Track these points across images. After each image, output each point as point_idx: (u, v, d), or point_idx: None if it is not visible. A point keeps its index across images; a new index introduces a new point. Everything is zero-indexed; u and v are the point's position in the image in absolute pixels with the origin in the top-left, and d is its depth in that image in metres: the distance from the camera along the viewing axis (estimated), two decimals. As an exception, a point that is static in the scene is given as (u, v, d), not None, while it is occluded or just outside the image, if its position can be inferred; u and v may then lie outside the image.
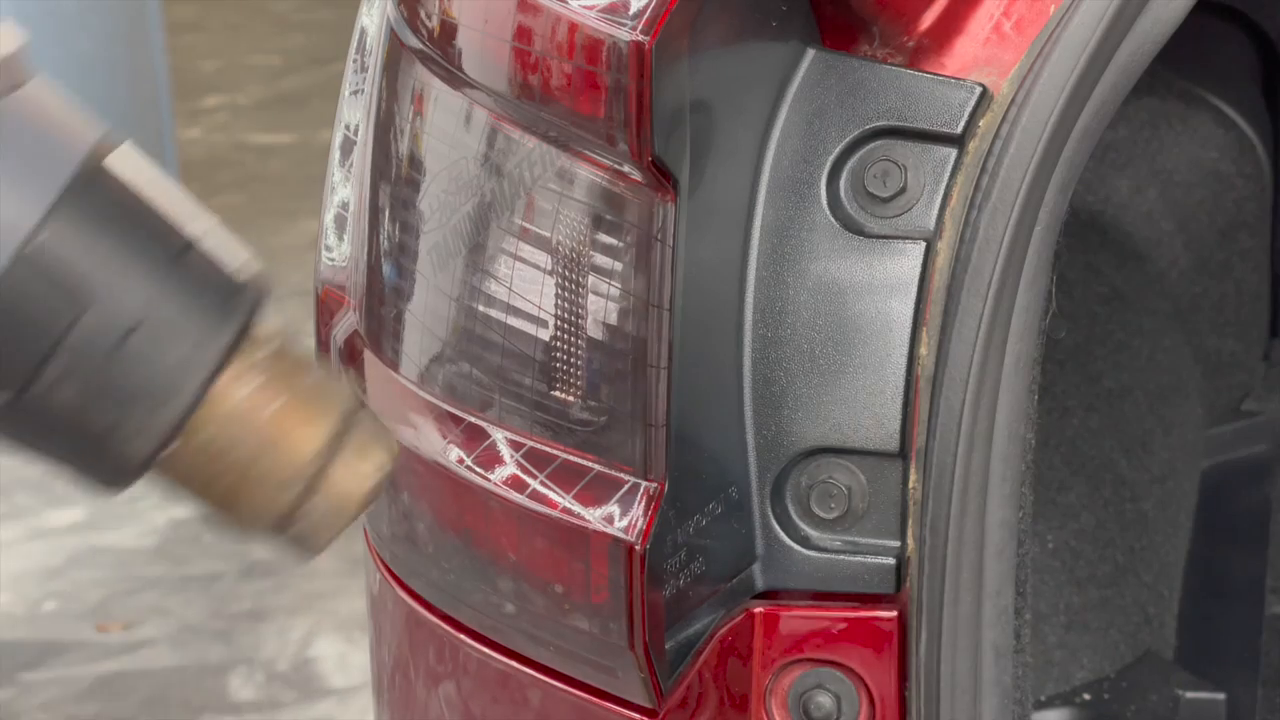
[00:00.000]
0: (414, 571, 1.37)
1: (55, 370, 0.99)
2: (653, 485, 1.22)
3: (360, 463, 1.05)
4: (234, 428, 1.02)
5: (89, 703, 3.21)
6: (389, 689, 1.49)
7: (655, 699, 1.26)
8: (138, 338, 1.00)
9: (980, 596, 1.25)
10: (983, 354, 1.22)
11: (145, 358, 1.00)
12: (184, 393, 1.01)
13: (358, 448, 1.05)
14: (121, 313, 1.00)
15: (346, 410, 1.05)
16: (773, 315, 1.26)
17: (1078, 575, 2.00)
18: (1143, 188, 2.30)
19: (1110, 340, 2.18)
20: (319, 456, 1.03)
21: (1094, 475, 2.06)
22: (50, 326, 0.99)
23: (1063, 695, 1.95)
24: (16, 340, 0.99)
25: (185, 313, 1.01)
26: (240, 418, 1.02)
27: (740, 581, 1.28)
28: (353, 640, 3.34)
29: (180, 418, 1.01)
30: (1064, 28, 1.21)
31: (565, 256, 1.22)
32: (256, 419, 1.02)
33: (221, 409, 1.02)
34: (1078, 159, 1.23)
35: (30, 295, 0.98)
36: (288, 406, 1.03)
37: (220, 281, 1.03)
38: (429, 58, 1.28)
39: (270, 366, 1.03)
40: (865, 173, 1.25)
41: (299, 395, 1.04)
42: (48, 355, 0.99)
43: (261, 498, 1.03)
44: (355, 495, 1.05)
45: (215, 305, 1.02)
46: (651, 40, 1.15)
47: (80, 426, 1.01)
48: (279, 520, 1.04)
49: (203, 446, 1.03)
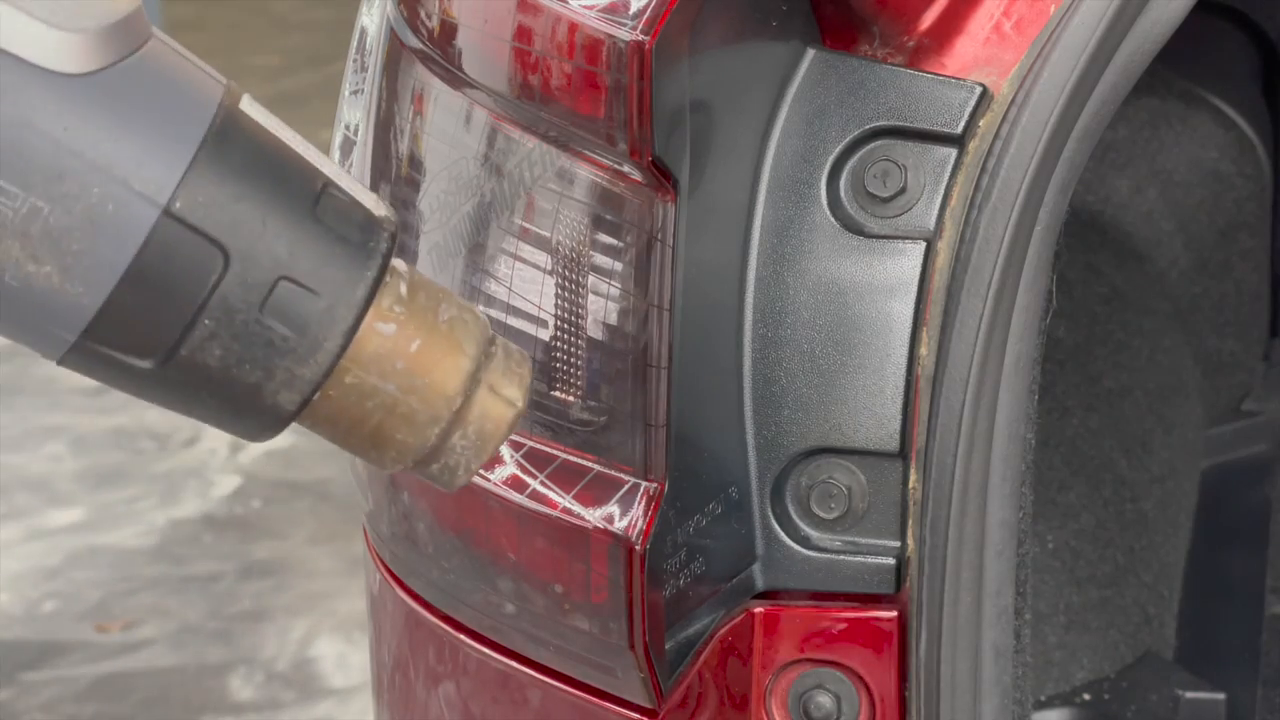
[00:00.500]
0: (414, 571, 1.37)
1: (204, 330, 0.98)
2: (653, 485, 1.22)
3: (501, 391, 1.04)
4: (379, 369, 1.02)
5: (88, 703, 3.21)
6: (389, 689, 1.49)
7: (655, 699, 1.26)
8: (282, 290, 0.98)
9: (980, 596, 1.25)
10: (983, 354, 1.22)
11: (291, 308, 0.99)
12: (331, 340, 1.00)
13: (497, 376, 1.04)
14: (267, 264, 0.98)
15: (484, 340, 1.04)
16: (773, 315, 1.26)
17: (1078, 575, 2.00)
18: (1143, 188, 2.30)
19: (1110, 340, 2.18)
20: (462, 390, 1.03)
21: (1094, 475, 2.06)
22: (198, 285, 0.97)
23: (1063, 695, 1.95)
24: (163, 304, 0.97)
25: (328, 258, 0.99)
26: (384, 359, 1.02)
27: (740, 581, 1.28)
28: (353, 640, 3.34)
29: (328, 366, 1.00)
30: (1064, 28, 1.21)
31: (565, 256, 1.21)
32: (399, 359, 1.02)
33: (366, 352, 1.01)
34: (1078, 159, 1.23)
35: (177, 254, 0.97)
36: (428, 343, 1.02)
37: (357, 223, 1.01)
38: (429, 58, 1.28)
39: (408, 304, 1.03)
40: (865, 173, 1.25)
41: (438, 331, 1.03)
42: (196, 314, 0.97)
43: (408, 435, 1.03)
44: (500, 424, 1.04)
45: (354, 249, 1.00)
46: (651, 40, 1.15)
47: (229, 383, 0.99)
48: (426, 456, 1.04)
49: (349, 390, 1.02)
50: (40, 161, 0.95)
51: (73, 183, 0.95)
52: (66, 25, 0.96)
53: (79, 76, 0.96)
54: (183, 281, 0.97)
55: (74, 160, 0.95)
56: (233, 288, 0.98)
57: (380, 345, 1.01)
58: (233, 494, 3.86)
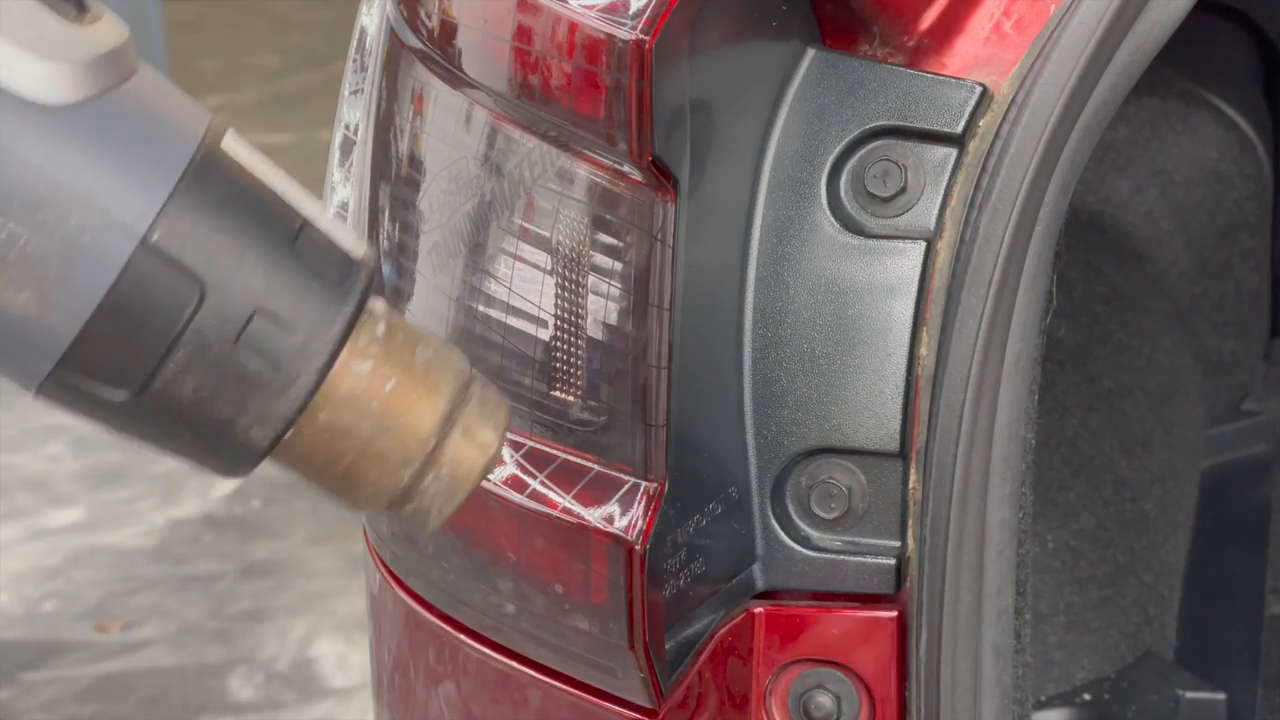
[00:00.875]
0: (414, 571, 1.37)
1: (177, 363, 0.98)
2: (653, 485, 1.22)
3: (476, 434, 1.04)
4: (352, 409, 1.02)
5: (88, 703, 3.21)
6: (389, 689, 1.49)
7: (655, 699, 1.26)
8: (257, 324, 0.99)
9: (980, 596, 1.25)
10: (983, 354, 1.22)
11: (265, 344, 0.99)
12: (304, 378, 1.00)
13: (473, 420, 1.05)
14: (243, 298, 0.99)
15: (460, 383, 1.05)
16: (773, 315, 1.26)
17: (1078, 575, 2.00)
18: (1143, 188, 2.30)
19: (1110, 340, 2.18)
20: (436, 433, 1.03)
21: (1094, 475, 2.06)
22: (173, 316, 0.98)
23: (1063, 695, 1.95)
24: (138, 334, 0.98)
25: (303, 296, 1.00)
26: (358, 398, 1.02)
27: (740, 581, 1.28)
28: (352, 640, 3.34)
29: (302, 402, 1.01)
30: (1064, 28, 1.21)
31: (565, 256, 1.21)
32: (374, 399, 1.02)
33: (339, 391, 1.02)
34: (1078, 159, 1.23)
35: (152, 287, 0.97)
36: (403, 383, 1.03)
37: (334, 262, 1.02)
38: (429, 58, 1.28)
39: (384, 344, 1.03)
40: (865, 172, 1.25)
41: (414, 372, 1.03)
42: (171, 346, 0.98)
43: (381, 476, 1.03)
44: (473, 469, 1.05)
45: (331, 287, 1.01)
46: (651, 40, 1.15)
47: (201, 418, 1.00)
48: (399, 497, 1.04)
49: (322, 428, 1.02)
50: (19, 189, 0.95)
51: (51, 211, 0.95)
52: (53, 56, 0.96)
53: (64, 107, 0.96)
54: (158, 312, 0.98)
55: (53, 189, 0.96)
56: (208, 320, 0.98)
57: (355, 384, 1.02)
58: (232, 494, 3.86)
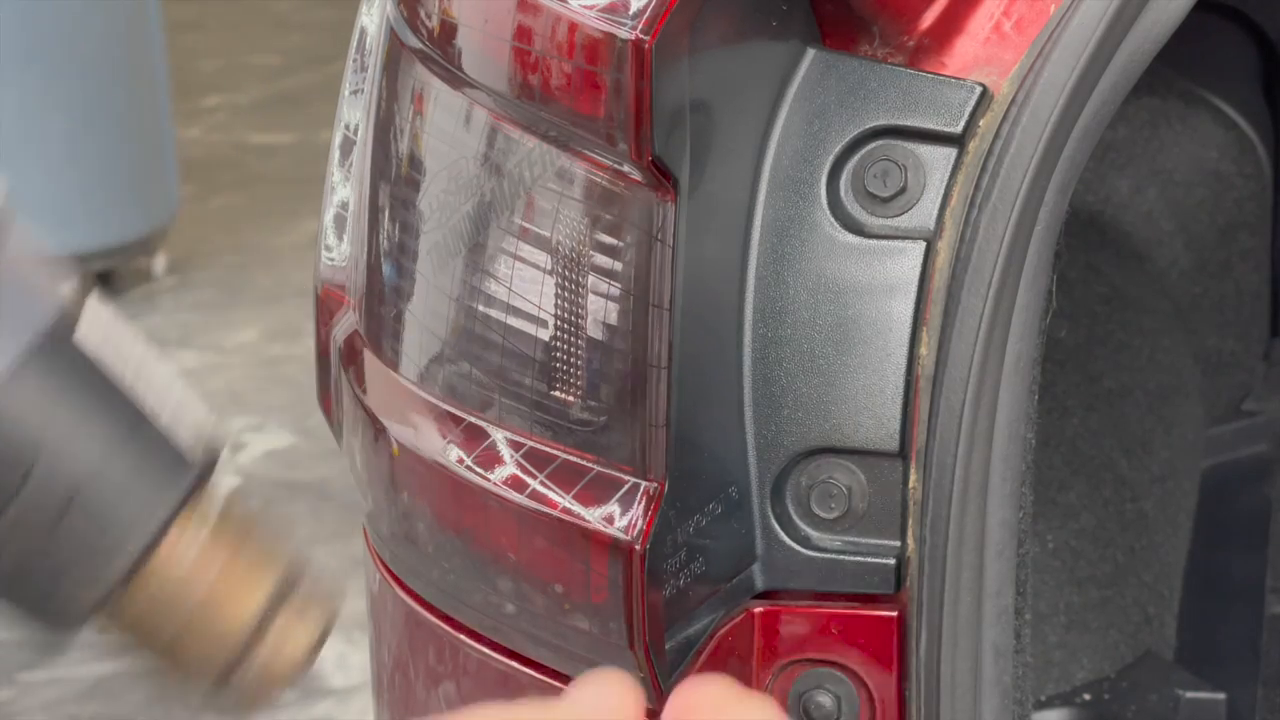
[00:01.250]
0: (414, 571, 1.37)
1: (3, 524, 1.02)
2: (653, 485, 1.22)
3: (298, 625, 1.11)
4: (177, 585, 1.09)
5: (89, 703, 3.21)
6: (389, 689, 1.49)
7: (655, 699, 1.26)
8: (84, 498, 1.04)
9: (980, 596, 1.25)
10: (983, 354, 1.22)
11: (93, 516, 1.05)
12: (128, 550, 1.06)
13: (297, 610, 1.12)
14: (70, 473, 1.04)
15: (288, 573, 1.11)
16: (773, 315, 1.26)
17: (1078, 575, 2.00)
18: (1143, 188, 2.30)
19: (1110, 340, 2.18)
20: (256, 618, 1.09)
21: (1094, 475, 2.06)
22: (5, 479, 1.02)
23: (1063, 695, 1.95)
24: None
25: (135, 475, 1.06)
26: (184, 575, 1.09)
27: (740, 581, 1.28)
28: (353, 640, 3.34)
29: (124, 573, 1.07)
30: (1064, 27, 1.21)
31: (565, 256, 1.21)
32: (200, 578, 1.09)
33: (166, 566, 1.08)
34: (1078, 159, 1.23)
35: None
36: (230, 567, 1.09)
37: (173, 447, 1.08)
38: (429, 57, 1.28)
39: (217, 527, 1.09)
40: (865, 172, 1.25)
41: (242, 556, 1.10)
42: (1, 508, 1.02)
43: (202, 653, 1.10)
44: (291, 657, 1.11)
45: (165, 470, 1.07)
46: (651, 40, 1.15)
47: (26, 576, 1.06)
48: (219, 676, 1.09)
49: (148, 600, 1.09)
50: None
51: None
52: None
53: None
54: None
55: None
56: (39, 484, 1.02)
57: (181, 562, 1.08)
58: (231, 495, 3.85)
